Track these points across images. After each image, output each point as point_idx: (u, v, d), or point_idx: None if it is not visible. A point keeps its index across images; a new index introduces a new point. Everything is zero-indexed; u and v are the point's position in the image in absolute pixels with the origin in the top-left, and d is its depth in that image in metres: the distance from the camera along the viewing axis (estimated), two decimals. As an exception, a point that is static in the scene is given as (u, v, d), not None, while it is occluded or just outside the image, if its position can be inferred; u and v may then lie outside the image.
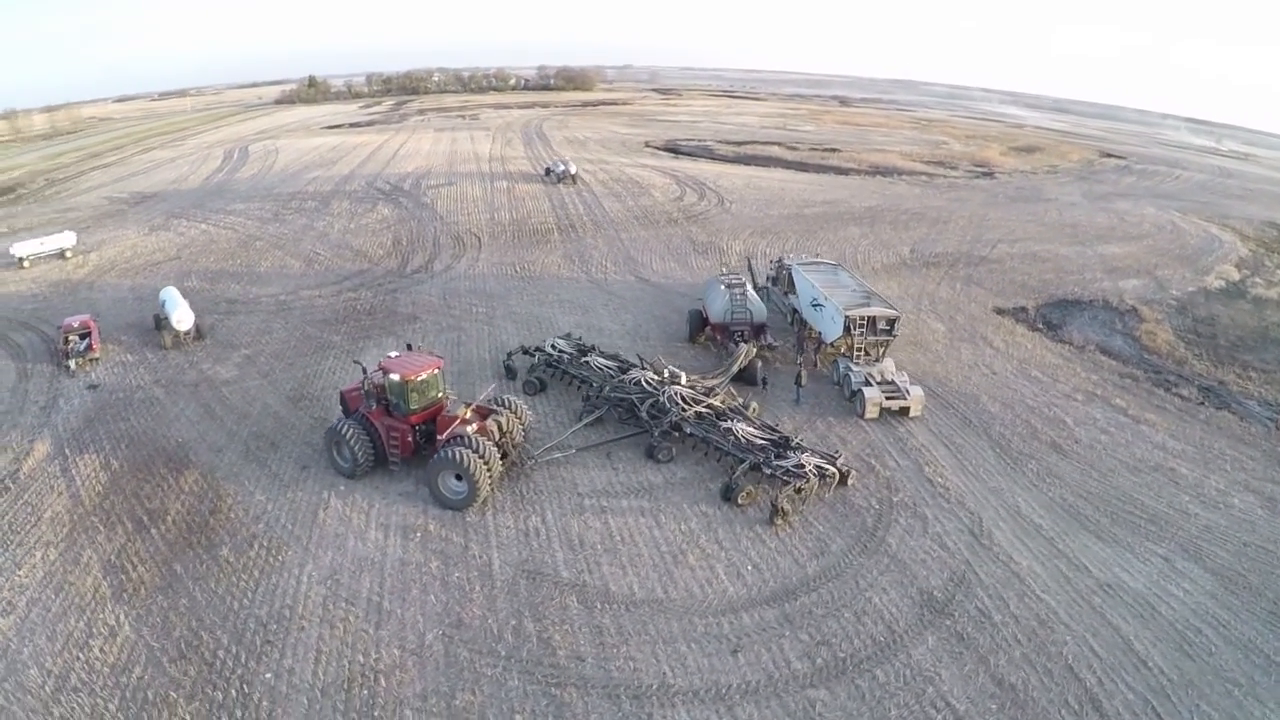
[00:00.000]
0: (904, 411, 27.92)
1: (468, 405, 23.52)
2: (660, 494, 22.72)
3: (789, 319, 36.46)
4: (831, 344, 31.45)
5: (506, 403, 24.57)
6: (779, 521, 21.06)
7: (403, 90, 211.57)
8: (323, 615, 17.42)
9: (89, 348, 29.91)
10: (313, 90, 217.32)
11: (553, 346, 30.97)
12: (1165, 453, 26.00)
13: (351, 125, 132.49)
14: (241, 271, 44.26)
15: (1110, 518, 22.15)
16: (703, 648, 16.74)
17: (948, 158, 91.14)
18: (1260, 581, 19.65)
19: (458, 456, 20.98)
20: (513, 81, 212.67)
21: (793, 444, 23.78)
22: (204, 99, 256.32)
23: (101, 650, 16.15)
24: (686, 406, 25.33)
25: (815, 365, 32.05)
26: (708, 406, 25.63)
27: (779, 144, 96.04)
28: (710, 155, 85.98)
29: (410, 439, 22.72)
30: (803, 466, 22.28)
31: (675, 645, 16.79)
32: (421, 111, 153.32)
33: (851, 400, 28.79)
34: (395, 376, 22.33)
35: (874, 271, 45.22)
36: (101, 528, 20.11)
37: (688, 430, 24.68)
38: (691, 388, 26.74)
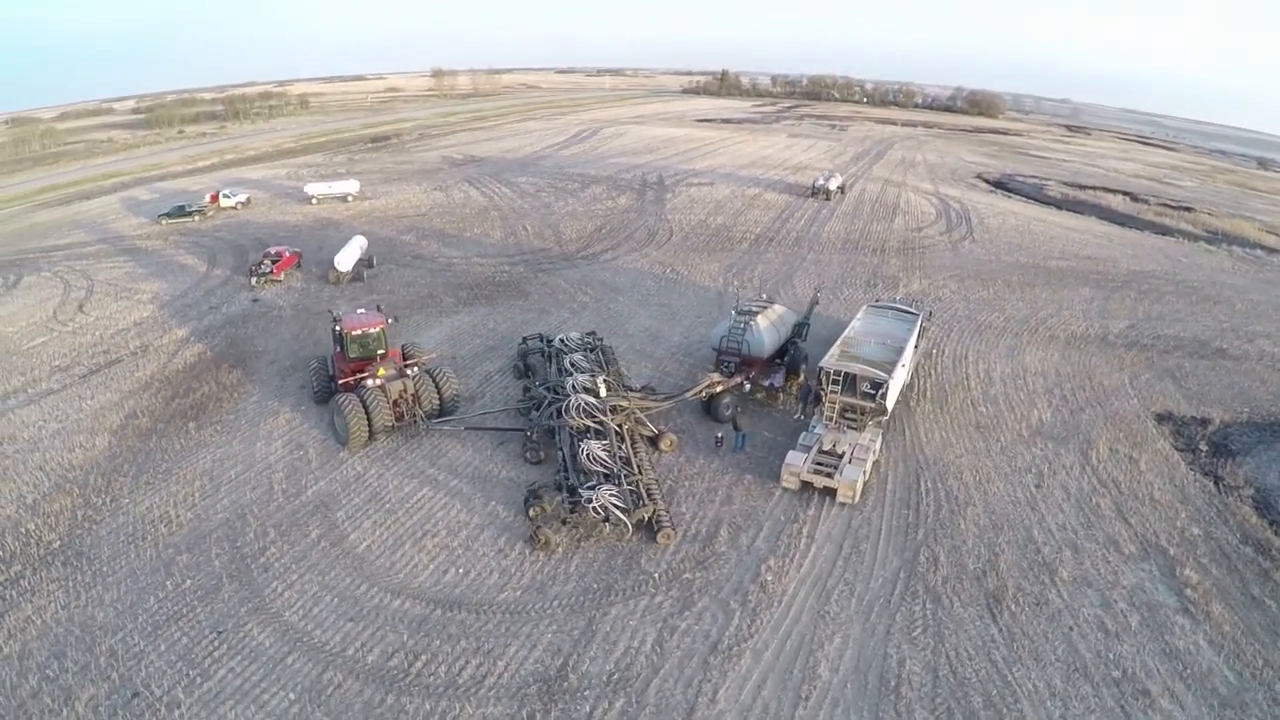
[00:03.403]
0: (832, 493, 24.80)
1: (401, 364, 29.51)
2: (488, 486, 25.55)
3: None
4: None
5: (438, 371, 29.79)
6: (538, 547, 22.25)
7: (805, 95, 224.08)
8: (187, 480, 25.57)
9: (271, 271, 44.29)
10: (720, 84, 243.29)
11: (562, 341, 34.70)
12: (1173, 665, 18.81)
13: (722, 121, 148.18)
14: (451, 234, 57.14)
15: (932, 716, 17.48)
16: (338, 605, 20.12)
17: (1328, 238, 69.58)
18: None
19: (342, 402, 27.24)
20: (917, 99, 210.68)
21: (622, 478, 24.00)
22: (631, 80, 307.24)
23: (75, 455, 26.98)
24: (574, 417, 27.05)
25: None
26: (598, 423, 26.92)
27: (1127, 194, 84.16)
28: (1036, 196, 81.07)
29: (350, 380, 29.70)
30: (590, 501, 22.73)
31: (326, 592, 20.52)
32: (800, 117, 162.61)
33: (793, 464, 26.51)
34: (338, 328, 29.53)
35: (1051, 339, 37.63)
36: (154, 390, 31.85)
37: (556, 439, 26.66)
38: (619, 402, 28.05)
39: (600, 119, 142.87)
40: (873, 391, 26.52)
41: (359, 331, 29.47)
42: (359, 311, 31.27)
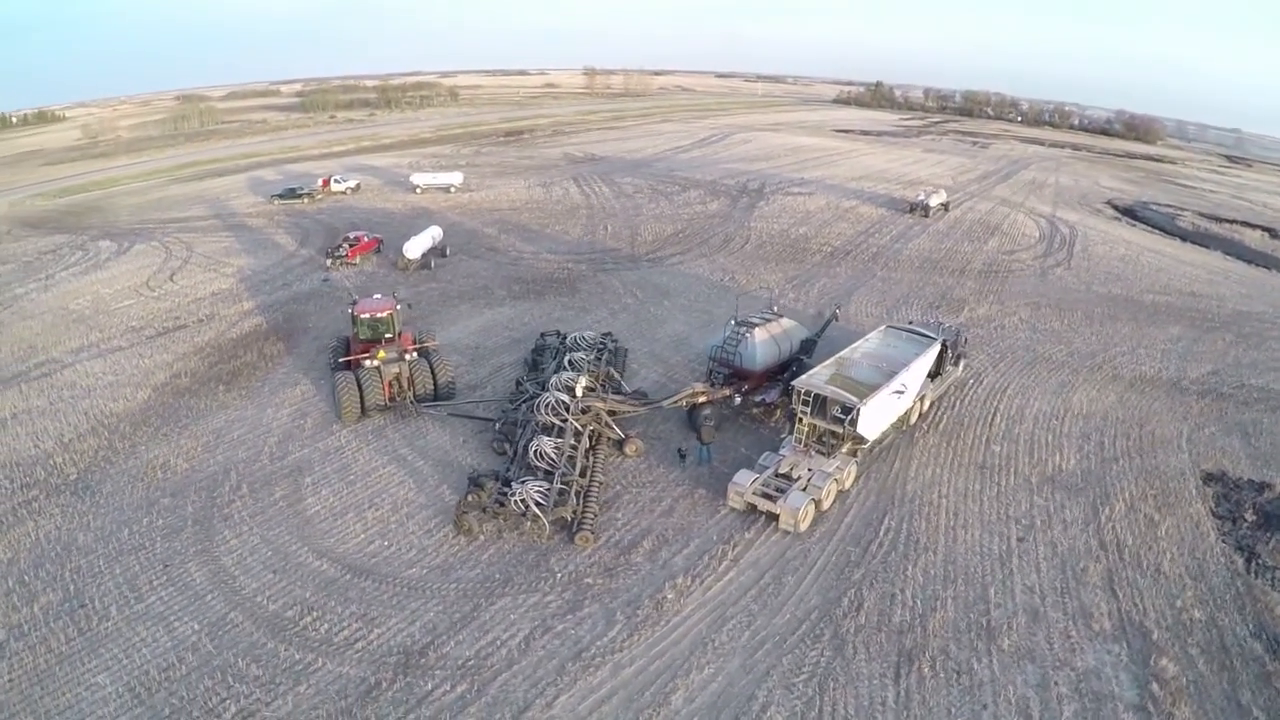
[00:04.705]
0: (775, 519, 24.24)
1: (403, 349, 32.05)
2: (447, 470, 27.40)
3: None
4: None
5: (435, 357, 32.07)
6: (461, 532, 23.65)
7: (957, 111, 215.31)
8: (197, 435, 29.46)
9: (346, 255, 48.84)
10: (871, 95, 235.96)
11: (574, 339, 35.98)
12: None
13: (861, 133, 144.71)
14: (533, 229, 60.14)
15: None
16: (269, 557, 22.79)
17: None
18: None
19: (339, 379, 30.16)
20: (1073, 120, 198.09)
21: (557, 476, 24.85)
22: (788, 87, 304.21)
23: (117, 405, 31.79)
24: (541, 413, 28.18)
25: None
26: (562, 420, 27.89)
27: (1268, 230, 74.66)
28: (1164, 226, 74.83)
29: (354, 359, 32.60)
30: (512, 495, 23.77)
31: (264, 545, 23.26)
32: (944, 133, 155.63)
33: (753, 483, 26.14)
34: (350, 310, 32.55)
35: (1113, 379, 34.66)
36: (204, 355, 36.57)
37: (518, 432, 27.98)
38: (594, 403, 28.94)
39: (735, 124, 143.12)
40: (842, 416, 25.50)
41: (368, 315, 32.37)
42: (375, 296, 34.28)
